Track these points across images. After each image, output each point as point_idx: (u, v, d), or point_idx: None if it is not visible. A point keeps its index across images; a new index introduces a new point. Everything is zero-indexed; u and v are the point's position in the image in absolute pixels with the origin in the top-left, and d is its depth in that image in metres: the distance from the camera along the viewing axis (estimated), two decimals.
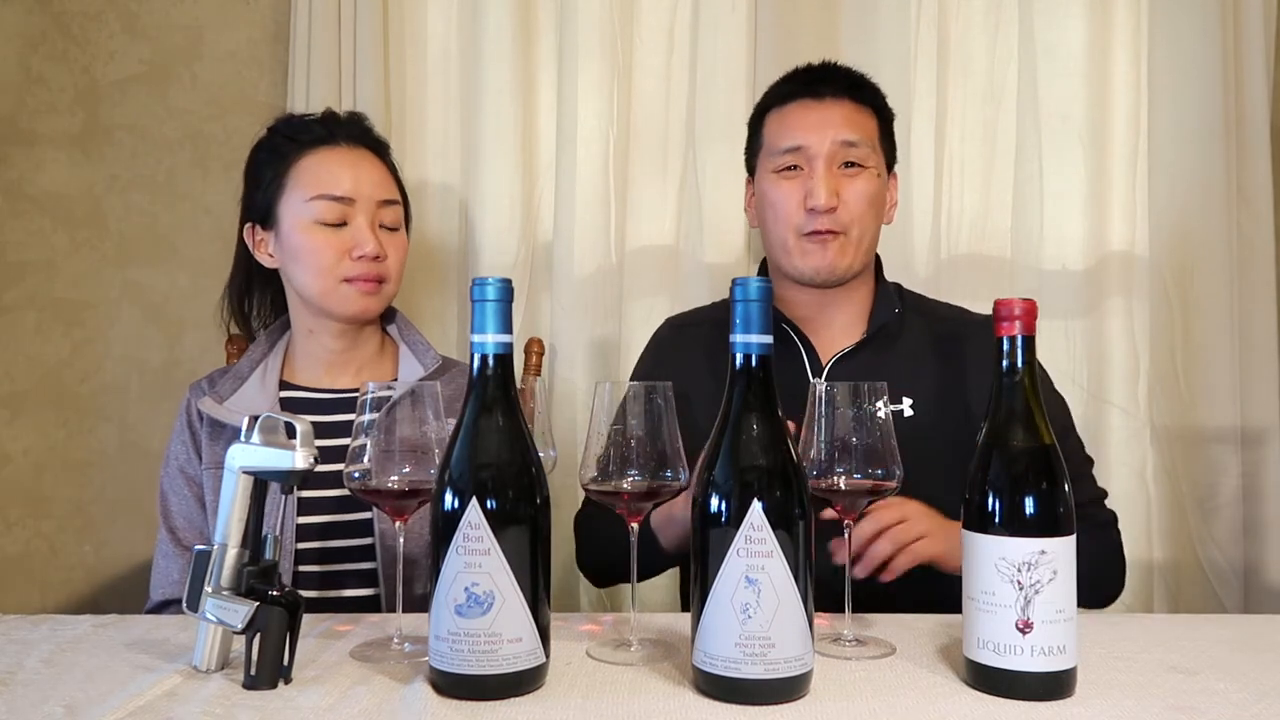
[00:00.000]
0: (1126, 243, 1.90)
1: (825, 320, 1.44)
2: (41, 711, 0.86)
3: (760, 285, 0.91)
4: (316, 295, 1.42)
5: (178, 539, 1.40)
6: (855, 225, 1.38)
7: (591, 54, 1.91)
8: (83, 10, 2.02)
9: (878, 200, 1.40)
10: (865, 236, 1.40)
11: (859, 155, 1.38)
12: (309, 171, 1.41)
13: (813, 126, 1.39)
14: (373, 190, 1.42)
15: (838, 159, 1.38)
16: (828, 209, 1.36)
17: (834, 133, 1.38)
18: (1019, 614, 0.88)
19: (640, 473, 1.00)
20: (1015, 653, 0.88)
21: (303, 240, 1.40)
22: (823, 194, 1.35)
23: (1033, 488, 0.91)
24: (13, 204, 2.02)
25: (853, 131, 1.38)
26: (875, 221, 1.41)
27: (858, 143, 1.38)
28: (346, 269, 1.40)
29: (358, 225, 1.40)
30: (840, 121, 1.39)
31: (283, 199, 1.42)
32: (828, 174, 1.37)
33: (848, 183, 1.37)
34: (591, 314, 1.91)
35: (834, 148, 1.38)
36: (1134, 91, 1.90)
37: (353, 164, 1.43)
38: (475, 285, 0.93)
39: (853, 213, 1.37)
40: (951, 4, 1.91)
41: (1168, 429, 1.86)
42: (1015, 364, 0.94)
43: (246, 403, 1.40)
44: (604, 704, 0.88)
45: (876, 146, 1.42)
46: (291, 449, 0.94)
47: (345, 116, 1.50)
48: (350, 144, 1.44)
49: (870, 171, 1.39)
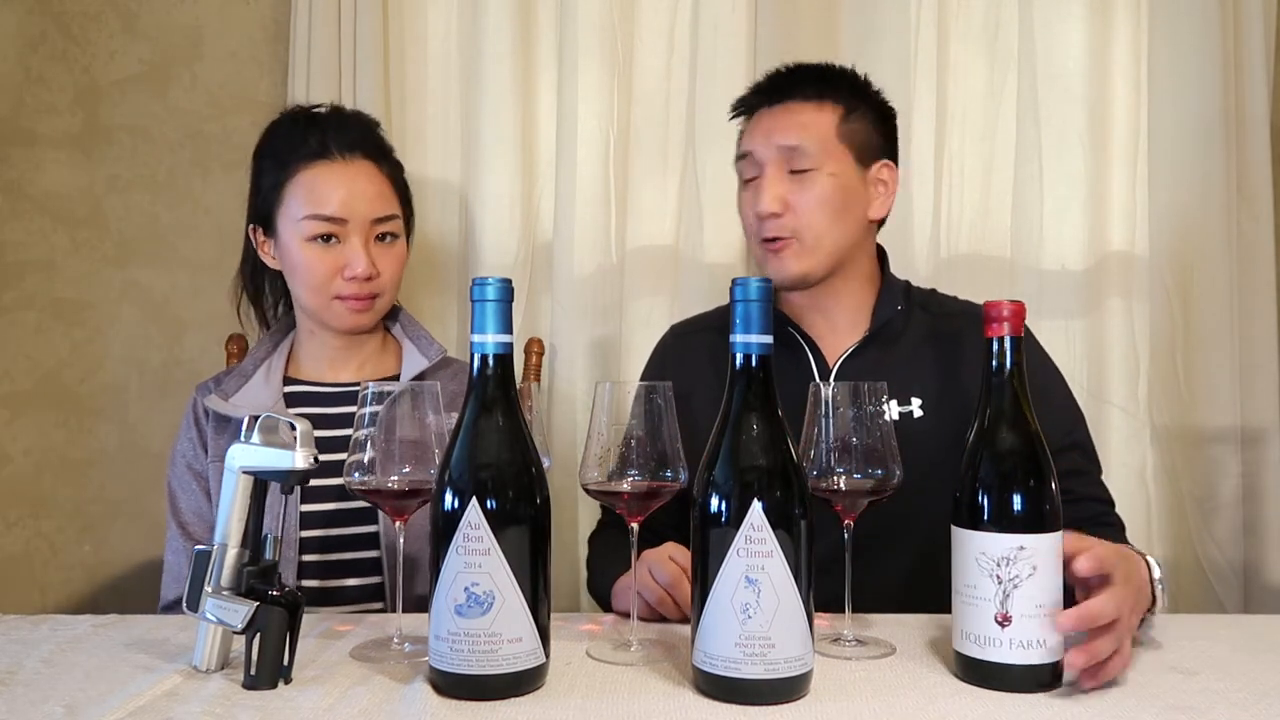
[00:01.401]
0: (1126, 243, 1.90)
1: (826, 320, 1.43)
2: (41, 711, 0.86)
3: (760, 285, 0.91)
4: (311, 309, 1.44)
5: (189, 534, 1.41)
6: (807, 230, 1.35)
7: (591, 54, 1.91)
8: (83, 10, 2.02)
9: (833, 200, 1.35)
10: (823, 239, 1.36)
11: (805, 159, 1.35)
12: (303, 188, 1.41)
13: (760, 133, 1.38)
14: (367, 208, 1.41)
15: (785, 165, 1.36)
16: (769, 215, 1.34)
17: (778, 137, 1.36)
18: (998, 607, 0.91)
19: (640, 473, 1.00)
20: (995, 645, 0.91)
21: (296, 256, 1.41)
22: (764, 200, 1.34)
23: (1013, 485, 0.94)
24: (13, 204, 2.02)
25: (796, 135, 1.35)
26: (834, 222, 1.36)
27: (800, 145, 1.35)
28: (338, 287, 1.41)
29: (350, 245, 1.40)
30: (786, 126, 1.37)
31: (280, 211, 1.42)
32: (773, 179, 1.35)
33: (796, 187, 1.35)
34: (591, 314, 1.91)
35: (778, 154, 1.35)
36: (1134, 91, 1.90)
37: (348, 181, 1.41)
38: (475, 285, 0.93)
39: (802, 218, 1.34)
40: (951, 4, 1.91)
41: (1168, 429, 1.86)
42: (1004, 364, 0.97)
43: (251, 398, 1.41)
44: (604, 704, 0.88)
45: (832, 144, 1.36)
46: (291, 449, 0.94)
47: (349, 120, 1.48)
48: (348, 156, 1.42)
49: (819, 173, 1.35)
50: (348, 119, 1.49)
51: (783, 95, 1.39)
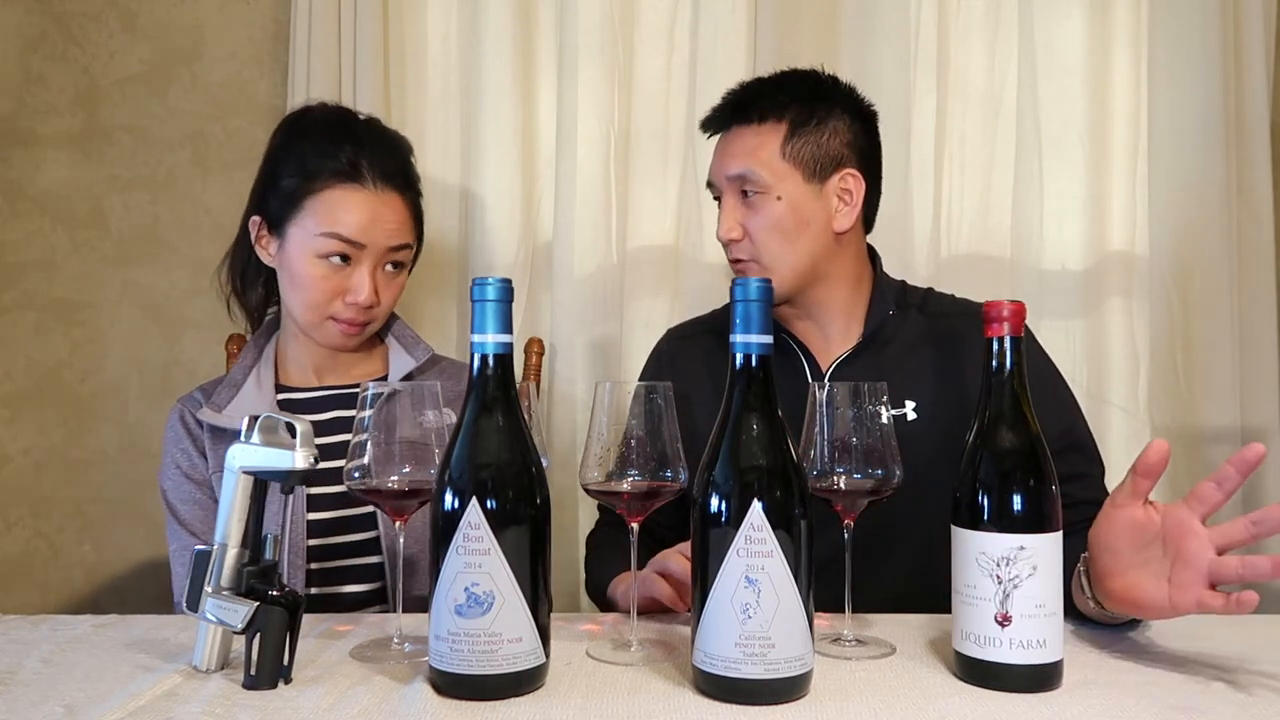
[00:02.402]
0: (1126, 243, 1.90)
1: (818, 327, 1.42)
2: (41, 711, 0.86)
3: (760, 285, 0.91)
4: (301, 322, 1.42)
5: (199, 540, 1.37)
6: (764, 253, 1.35)
7: (591, 54, 1.91)
8: (83, 10, 2.02)
9: (782, 223, 1.34)
10: (779, 262, 1.35)
11: (752, 184, 1.35)
12: (327, 205, 1.37)
13: (716, 160, 1.40)
14: (386, 238, 1.39)
15: (737, 190, 1.37)
16: (727, 240, 1.36)
17: (726, 165, 1.37)
18: (998, 607, 0.91)
19: (640, 473, 1.00)
20: (995, 645, 0.91)
21: (302, 269, 1.38)
22: (721, 228, 1.36)
23: (1014, 485, 0.94)
24: (13, 204, 2.02)
25: (739, 163, 1.35)
26: (788, 243, 1.35)
27: (745, 173, 1.35)
28: (336, 309, 1.39)
29: (360, 271, 1.38)
30: (732, 153, 1.37)
31: (295, 221, 1.39)
32: (729, 207, 1.37)
33: (750, 213, 1.36)
34: (591, 314, 1.91)
35: (729, 182, 1.37)
36: (1134, 91, 1.90)
37: (374, 209, 1.38)
38: (475, 285, 0.93)
39: (757, 244, 1.35)
40: (951, 4, 1.90)
41: (1168, 429, 1.86)
42: (1004, 364, 0.97)
43: (246, 408, 1.38)
44: (604, 704, 0.88)
45: (777, 164, 1.34)
46: (291, 449, 0.94)
47: (387, 145, 1.44)
48: (378, 184, 1.39)
49: (768, 196, 1.34)
50: (386, 143, 1.44)
51: (726, 122, 1.40)
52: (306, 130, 1.43)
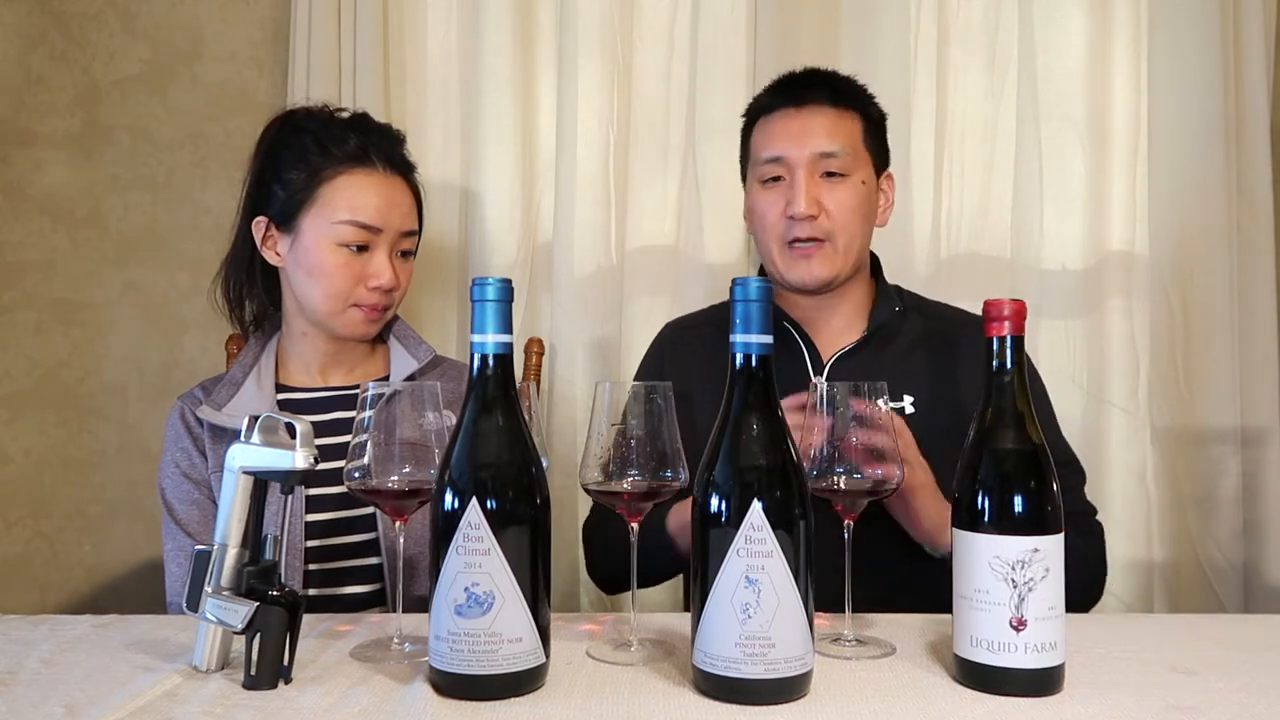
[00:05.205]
0: (1126, 243, 1.90)
1: (825, 319, 1.45)
2: (41, 711, 0.86)
3: (760, 285, 0.91)
4: (321, 314, 1.42)
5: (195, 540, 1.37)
6: (840, 233, 1.37)
7: (591, 54, 1.91)
8: (83, 10, 2.02)
9: (863, 207, 1.39)
10: (852, 244, 1.39)
11: (839, 164, 1.37)
12: (342, 193, 1.39)
13: (793, 136, 1.39)
14: (400, 221, 1.42)
15: (818, 169, 1.37)
16: (807, 216, 1.35)
17: (814, 142, 1.37)
18: (1013, 611, 0.89)
19: (640, 473, 1.00)
20: (1009, 650, 0.90)
21: (322, 259, 1.39)
22: (802, 202, 1.35)
23: (1026, 486, 0.92)
24: (13, 204, 2.02)
25: (832, 141, 1.37)
26: (861, 228, 1.40)
27: (837, 152, 1.37)
28: (359, 295, 1.40)
29: (379, 255, 1.40)
30: (820, 130, 1.38)
31: (309, 212, 1.39)
32: (808, 182, 1.36)
33: (829, 191, 1.37)
34: (591, 314, 1.91)
35: (813, 158, 1.37)
36: (1134, 91, 1.90)
37: (387, 192, 1.41)
38: (475, 285, 0.93)
39: (836, 221, 1.37)
40: (951, 4, 1.91)
41: (1168, 429, 1.86)
42: (1005, 364, 0.96)
43: (245, 407, 1.38)
44: (604, 704, 0.88)
45: (860, 152, 1.40)
46: (291, 449, 0.94)
47: (386, 132, 1.46)
48: (386, 168, 1.42)
49: (853, 179, 1.38)
50: (384, 129, 1.47)
51: (815, 98, 1.40)
52: (302, 125, 1.43)
